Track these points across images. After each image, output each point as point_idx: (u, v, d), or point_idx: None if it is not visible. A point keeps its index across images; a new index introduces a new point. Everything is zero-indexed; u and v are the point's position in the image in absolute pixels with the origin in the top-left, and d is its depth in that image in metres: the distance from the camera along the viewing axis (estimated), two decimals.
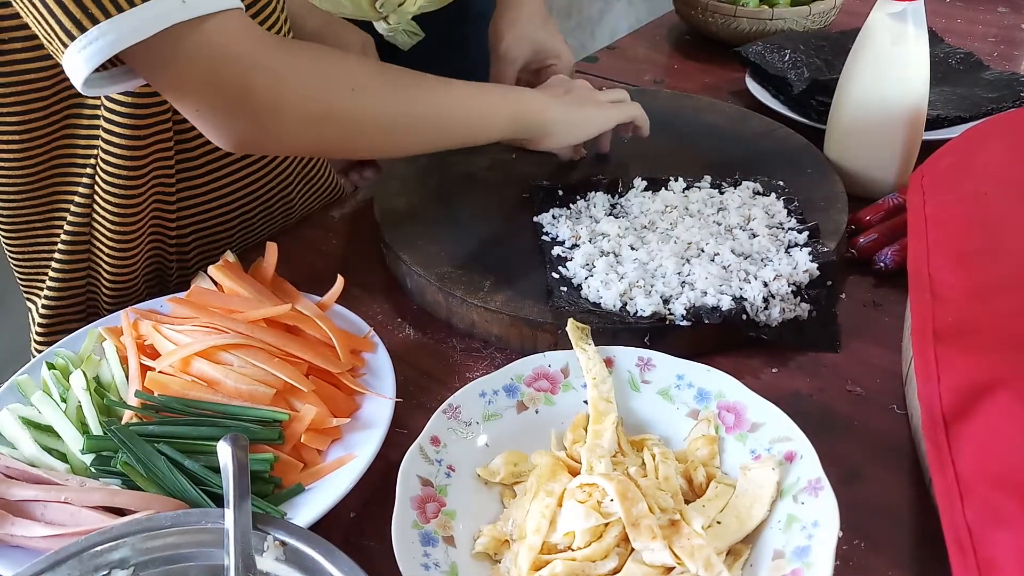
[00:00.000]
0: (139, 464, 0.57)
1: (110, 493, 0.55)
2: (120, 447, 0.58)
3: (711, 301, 0.69)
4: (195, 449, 0.59)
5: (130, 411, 0.62)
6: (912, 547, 0.55)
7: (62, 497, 0.54)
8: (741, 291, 0.70)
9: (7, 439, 0.61)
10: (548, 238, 0.79)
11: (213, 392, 0.63)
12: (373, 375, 0.66)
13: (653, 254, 0.74)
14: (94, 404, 0.62)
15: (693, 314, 0.68)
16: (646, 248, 0.75)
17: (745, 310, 0.68)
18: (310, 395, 0.63)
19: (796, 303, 0.70)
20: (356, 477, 0.58)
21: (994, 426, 0.50)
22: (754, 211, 0.79)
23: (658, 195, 0.82)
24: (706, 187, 0.84)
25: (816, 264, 0.72)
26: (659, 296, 0.69)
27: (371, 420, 0.63)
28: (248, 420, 0.61)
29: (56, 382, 0.65)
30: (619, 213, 0.81)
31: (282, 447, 0.60)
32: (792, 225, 0.77)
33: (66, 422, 0.61)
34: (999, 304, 0.57)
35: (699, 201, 0.81)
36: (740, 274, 0.71)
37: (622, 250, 0.75)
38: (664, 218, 0.79)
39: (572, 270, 0.74)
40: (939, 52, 1.10)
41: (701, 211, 0.80)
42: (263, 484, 0.58)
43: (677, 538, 0.51)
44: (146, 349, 0.67)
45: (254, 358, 0.64)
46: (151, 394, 0.62)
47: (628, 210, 0.81)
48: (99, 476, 0.58)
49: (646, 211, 0.80)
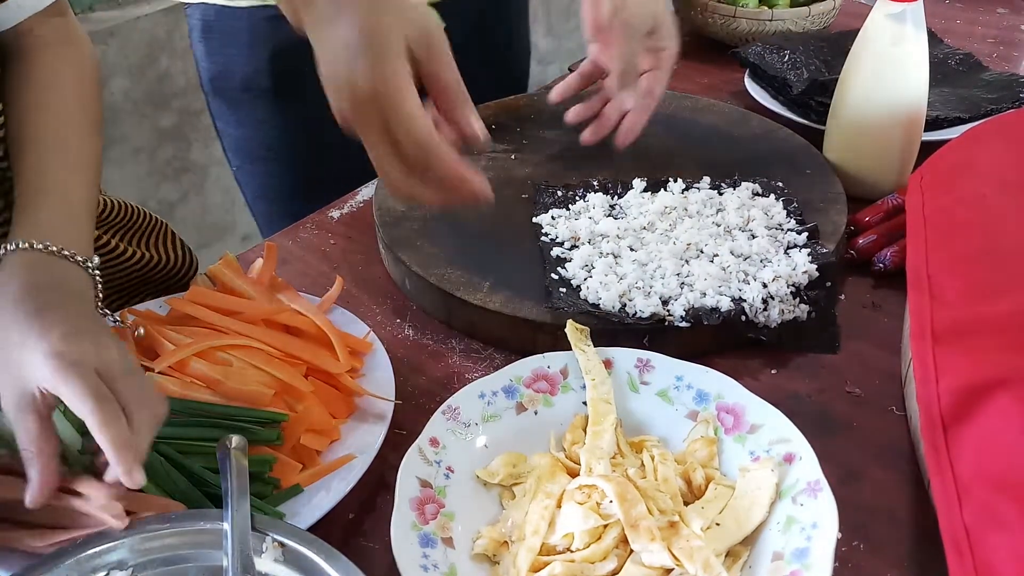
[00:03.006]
0: None
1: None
2: None
3: (710, 302, 0.69)
4: (194, 450, 0.58)
5: None
6: (911, 549, 0.55)
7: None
8: (740, 292, 0.70)
9: (5, 439, 0.61)
10: (547, 239, 0.79)
11: (212, 393, 0.62)
12: (372, 376, 0.66)
13: (652, 255, 0.74)
14: None
15: (692, 315, 0.68)
16: (645, 249, 0.75)
17: (744, 311, 0.68)
18: (309, 396, 0.63)
19: (795, 304, 0.70)
20: (355, 478, 0.58)
21: (993, 428, 0.50)
22: (753, 212, 0.79)
23: (657, 196, 0.82)
24: (705, 188, 0.84)
25: (815, 265, 0.72)
26: (658, 297, 0.69)
27: (370, 421, 0.63)
28: (247, 421, 0.60)
29: None
30: (618, 214, 0.81)
31: (281, 448, 0.60)
32: (791, 226, 0.77)
33: (64, 422, 0.61)
34: (998, 306, 0.57)
35: (698, 202, 0.81)
36: (739, 275, 0.71)
37: (621, 251, 0.75)
38: (663, 219, 0.79)
39: (571, 271, 0.73)
40: (938, 53, 1.10)
41: (700, 212, 0.80)
42: (262, 485, 0.57)
43: (676, 539, 0.51)
44: (145, 350, 0.67)
45: (253, 359, 0.64)
46: None
47: (627, 211, 0.81)
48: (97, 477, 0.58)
49: (645, 212, 0.80)
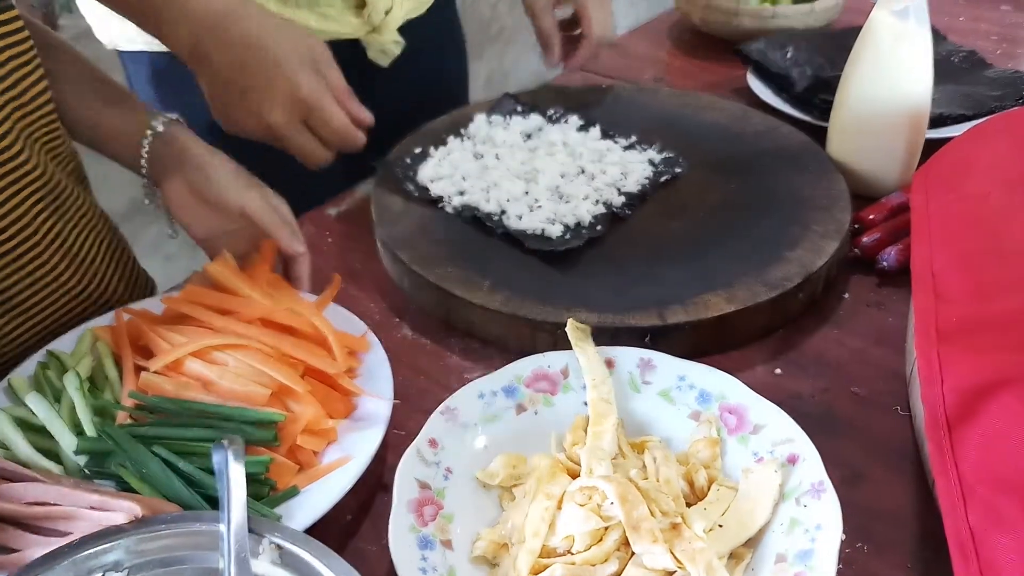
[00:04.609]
0: (133, 466, 0.56)
1: (103, 495, 0.55)
2: (114, 448, 0.57)
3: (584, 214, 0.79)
4: (190, 450, 0.58)
5: (124, 412, 0.61)
6: (915, 550, 0.55)
7: (53, 500, 0.54)
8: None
9: (0, 440, 0.61)
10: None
11: (207, 393, 0.62)
12: (370, 375, 0.66)
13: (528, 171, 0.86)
14: (87, 405, 0.61)
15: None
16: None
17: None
18: (306, 396, 0.62)
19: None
20: (353, 479, 0.57)
21: (997, 428, 0.50)
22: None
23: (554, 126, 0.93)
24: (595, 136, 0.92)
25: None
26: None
27: (368, 421, 0.62)
28: (243, 421, 0.60)
29: (48, 383, 0.64)
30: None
31: (278, 449, 0.60)
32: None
33: (60, 423, 0.60)
34: (1003, 304, 0.56)
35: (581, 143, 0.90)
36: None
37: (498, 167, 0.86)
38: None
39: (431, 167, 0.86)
40: (942, 50, 1.09)
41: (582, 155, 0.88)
42: (259, 486, 0.57)
43: (678, 541, 0.50)
44: (140, 349, 0.67)
45: (250, 358, 0.63)
46: (145, 394, 0.62)
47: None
48: (93, 478, 0.58)
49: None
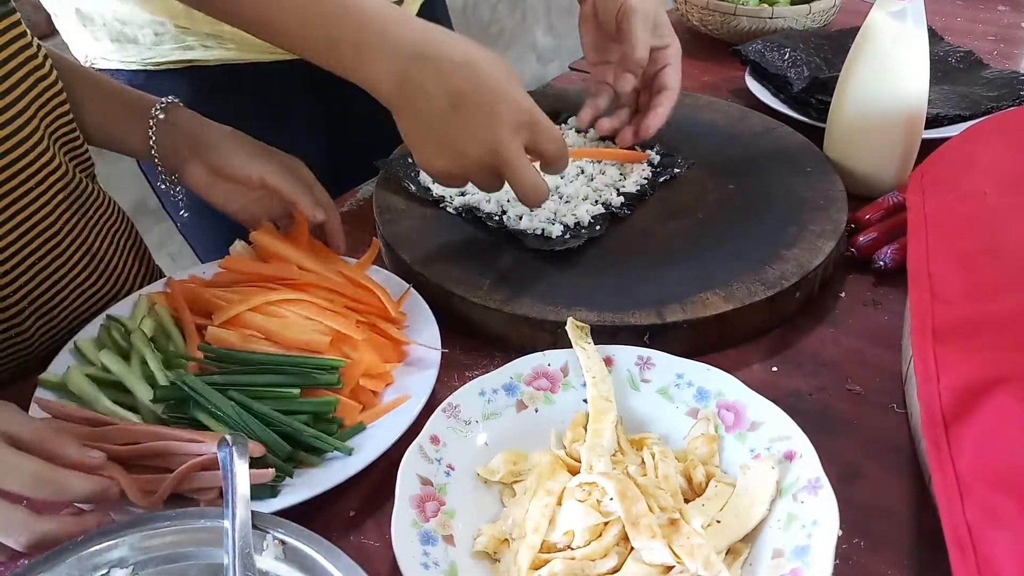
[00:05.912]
0: (212, 410, 0.59)
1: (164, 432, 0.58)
2: (190, 395, 0.60)
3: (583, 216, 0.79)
4: (260, 395, 0.61)
5: (193, 363, 0.65)
6: (912, 546, 0.55)
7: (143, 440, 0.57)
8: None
9: (80, 397, 0.63)
10: None
11: (270, 344, 0.66)
12: (416, 327, 0.70)
13: None
14: (158, 358, 0.64)
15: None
16: None
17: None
18: (363, 343, 0.66)
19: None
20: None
21: (994, 426, 0.50)
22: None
23: None
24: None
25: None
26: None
27: (419, 366, 0.66)
28: (308, 367, 0.63)
29: (114, 343, 0.67)
30: None
31: (341, 391, 0.63)
32: None
33: (134, 376, 0.64)
34: (999, 303, 0.57)
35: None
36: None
37: None
38: None
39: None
40: (939, 51, 1.10)
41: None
42: (327, 424, 0.61)
43: (677, 537, 0.51)
44: (195, 312, 0.70)
45: (306, 311, 0.67)
46: (212, 347, 0.65)
47: None
48: (171, 423, 0.60)
49: None
